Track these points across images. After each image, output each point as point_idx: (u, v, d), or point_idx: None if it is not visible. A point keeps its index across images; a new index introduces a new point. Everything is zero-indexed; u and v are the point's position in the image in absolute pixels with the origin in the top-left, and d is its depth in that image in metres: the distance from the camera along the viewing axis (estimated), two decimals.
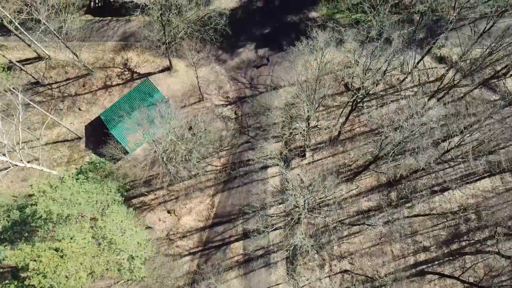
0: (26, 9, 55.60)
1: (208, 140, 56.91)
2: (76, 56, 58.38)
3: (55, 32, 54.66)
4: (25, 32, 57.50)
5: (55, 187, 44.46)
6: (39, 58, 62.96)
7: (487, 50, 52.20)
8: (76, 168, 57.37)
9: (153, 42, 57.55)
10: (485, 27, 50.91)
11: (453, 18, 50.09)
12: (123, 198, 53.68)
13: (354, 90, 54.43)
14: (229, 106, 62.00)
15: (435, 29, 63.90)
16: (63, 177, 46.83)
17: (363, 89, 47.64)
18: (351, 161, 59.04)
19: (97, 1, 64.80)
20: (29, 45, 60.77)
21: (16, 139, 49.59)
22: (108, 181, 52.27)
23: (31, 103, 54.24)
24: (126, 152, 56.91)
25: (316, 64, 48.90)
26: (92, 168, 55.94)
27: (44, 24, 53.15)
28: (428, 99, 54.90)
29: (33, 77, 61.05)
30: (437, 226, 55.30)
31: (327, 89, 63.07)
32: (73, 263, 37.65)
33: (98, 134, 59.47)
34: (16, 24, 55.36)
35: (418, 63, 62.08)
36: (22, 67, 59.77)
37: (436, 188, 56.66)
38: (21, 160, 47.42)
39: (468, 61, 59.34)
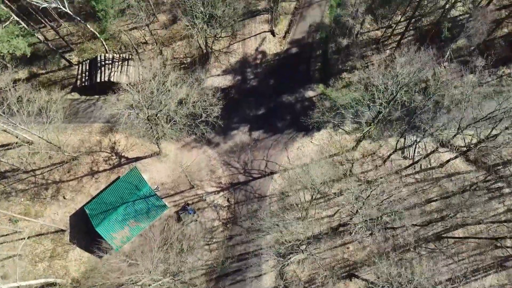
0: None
1: (199, 236, 53.96)
2: (59, 148, 55.38)
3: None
4: (2, 114, 54.53)
5: None
6: (21, 143, 59.97)
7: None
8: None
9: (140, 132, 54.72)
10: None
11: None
12: None
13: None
14: (221, 193, 58.98)
15: (437, 111, 61.35)
16: None
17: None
18: (349, 255, 55.99)
19: (83, 80, 61.96)
20: (5, 131, 57.77)
21: None
22: None
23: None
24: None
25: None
26: None
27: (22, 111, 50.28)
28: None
29: (13, 165, 58.03)
30: None
31: (324, 175, 60.43)
32: None
33: (83, 225, 56.37)
34: None
35: (416, 142, 59.59)
36: (2, 159, 56.70)
37: None
38: None
39: (474, 147, 56.69)
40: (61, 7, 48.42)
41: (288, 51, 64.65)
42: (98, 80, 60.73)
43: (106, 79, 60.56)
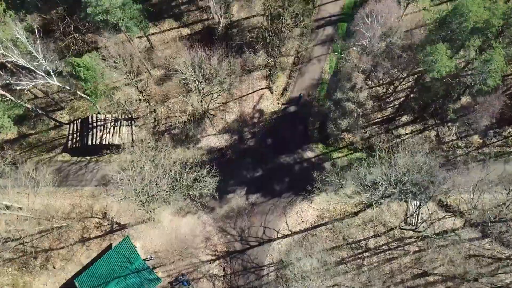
0: None
1: None
2: (50, 217, 53.15)
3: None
4: None
5: None
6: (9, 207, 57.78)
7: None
8: None
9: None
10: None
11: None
12: None
13: None
14: (217, 262, 56.75)
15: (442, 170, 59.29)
16: None
17: None
18: None
19: (74, 141, 59.80)
20: None
21: None
22: None
23: None
24: None
25: None
26: None
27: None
28: None
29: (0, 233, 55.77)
30: None
31: (324, 242, 58.51)
32: None
33: None
34: None
35: (419, 207, 57.40)
36: None
37: None
38: None
39: (478, 212, 54.56)
40: (50, 81, 46.31)
41: (286, 109, 62.59)
42: (90, 143, 58.62)
43: (98, 142, 58.53)
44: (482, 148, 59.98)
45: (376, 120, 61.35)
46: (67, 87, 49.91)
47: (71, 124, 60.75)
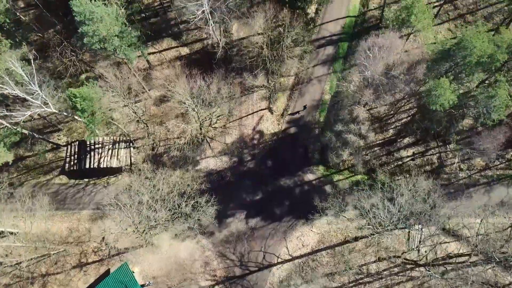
0: None
1: None
2: (47, 246, 52.38)
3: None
4: None
5: None
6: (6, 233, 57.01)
7: None
8: None
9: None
10: None
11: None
12: None
13: None
14: (216, 287, 55.99)
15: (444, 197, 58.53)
16: None
17: None
18: None
19: (72, 163, 59.02)
20: None
21: None
22: None
23: None
24: None
25: None
26: None
27: None
28: None
29: None
30: None
31: (324, 267, 57.71)
32: None
33: None
34: None
35: (421, 231, 56.58)
36: None
37: None
38: None
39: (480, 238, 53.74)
40: (46, 109, 45.57)
41: (287, 130, 61.80)
42: (87, 166, 57.86)
43: (96, 165, 57.78)
44: (485, 170, 59.12)
45: (377, 142, 60.56)
46: (64, 113, 49.18)
47: (69, 146, 59.98)
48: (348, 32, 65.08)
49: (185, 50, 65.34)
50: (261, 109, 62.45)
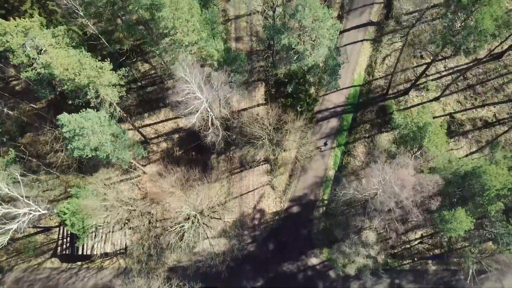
0: None
1: None
2: None
3: None
4: None
5: None
6: None
7: None
8: None
9: None
10: None
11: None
12: None
13: None
14: None
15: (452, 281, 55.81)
16: None
17: None
18: None
19: (64, 247, 56.28)
20: None
21: None
22: None
23: None
24: None
25: None
26: None
27: None
28: None
29: None
30: None
31: None
32: None
33: None
34: None
35: None
36: None
37: None
38: None
39: None
40: (34, 213, 42.91)
41: (289, 209, 59.11)
42: (80, 253, 55.15)
43: (89, 252, 55.08)
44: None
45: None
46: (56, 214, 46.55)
47: (61, 227, 57.22)
48: (352, 102, 62.54)
49: (183, 122, 62.65)
50: (262, 185, 59.75)
